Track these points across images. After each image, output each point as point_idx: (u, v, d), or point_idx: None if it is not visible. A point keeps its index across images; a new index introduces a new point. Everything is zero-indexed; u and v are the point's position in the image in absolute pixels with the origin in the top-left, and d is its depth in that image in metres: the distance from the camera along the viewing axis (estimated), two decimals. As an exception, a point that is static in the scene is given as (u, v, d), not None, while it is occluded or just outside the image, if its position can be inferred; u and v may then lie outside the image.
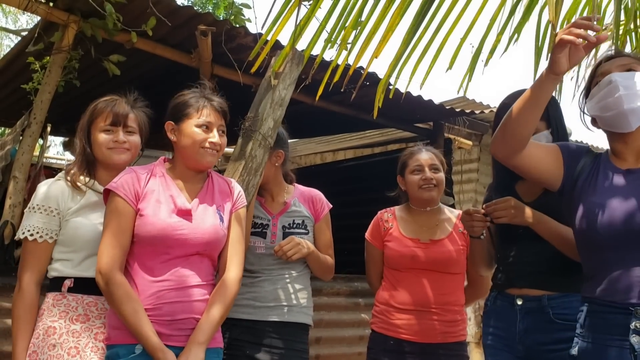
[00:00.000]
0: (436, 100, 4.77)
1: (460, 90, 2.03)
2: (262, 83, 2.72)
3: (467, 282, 2.76)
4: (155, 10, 3.13)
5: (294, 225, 2.51)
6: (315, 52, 2.13)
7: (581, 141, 6.93)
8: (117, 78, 3.53)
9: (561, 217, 2.05)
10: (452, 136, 5.79)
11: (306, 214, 2.56)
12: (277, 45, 2.80)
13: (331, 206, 2.66)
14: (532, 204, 2.12)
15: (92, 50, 3.38)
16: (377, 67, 19.96)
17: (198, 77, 3.76)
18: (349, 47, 1.97)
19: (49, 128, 5.63)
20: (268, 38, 1.94)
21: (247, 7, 4.41)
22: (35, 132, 3.38)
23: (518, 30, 1.97)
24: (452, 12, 1.92)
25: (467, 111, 5.25)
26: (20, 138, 3.53)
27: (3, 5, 11.03)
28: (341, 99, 4.55)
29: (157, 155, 2.32)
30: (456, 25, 1.94)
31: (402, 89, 2.29)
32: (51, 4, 3.26)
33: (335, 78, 2.04)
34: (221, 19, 3.69)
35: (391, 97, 2.16)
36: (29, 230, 1.98)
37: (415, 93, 4.54)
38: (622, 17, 2.25)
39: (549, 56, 1.65)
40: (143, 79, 4.14)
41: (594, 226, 1.70)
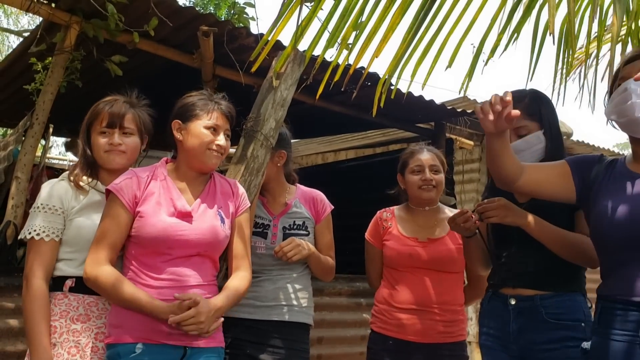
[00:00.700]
0: (437, 101, 4.77)
1: (461, 90, 2.03)
2: (264, 83, 2.73)
3: (466, 281, 2.76)
4: (157, 11, 3.14)
5: (295, 227, 2.52)
6: (317, 52, 2.14)
7: (582, 141, 6.93)
8: (119, 79, 3.53)
9: (554, 218, 2.07)
10: (453, 136, 5.79)
11: (307, 215, 2.56)
12: (278, 46, 2.81)
13: (332, 207, 2.65)
14: (526, 205, 2.13)
15: (94, 51, 3.39)
16: (379, 67, 19.96)
17: (200, 77, 3.77)
18: (349, 47, 1.97)
19: (51, 129, 5.62)
20: (269, 38, 1.94)
21: (251, 5, 4.40)
22: (37, 132, 3.39)
23: (518, 29, 1.97)
24: (452, 12, 1.92)
25: (469, 111, 5.25)
26: (23, 139, 3.54)
27: (5, 6, 11.06)
28: (342, 99, 4.55)
29: (159, 156, 2.32)
30: (457, 25, 1.95)
31: (404, 89, 2.30)
32: (53, 5, 3.26)
33: (336, 78, 2.05)
34: (223, 19, 3.70)
35: (392, 97, 2.16)
36: (35, 230, 1.98)
37: (416, 93, 4.54)
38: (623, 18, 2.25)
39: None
40: (145, 80, 4.14)
41: (604, 229, 1.75)
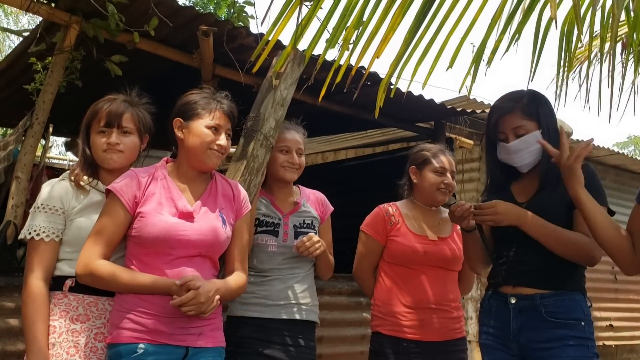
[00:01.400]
0: (437, 100, 4.77)
1: (462, 90, 2.03)
2: (264, 83, 2.73)
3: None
4: (156, 10, 3.14)
5: (304, 225, 2.55)
6: (317, 52, 2.14)
7: (582, 140, 6.92)
8: (119, 78, 3.53)
9: (553, 218, 2.07)
10: (453, 135, 5.78)
11: (315, 215, 2.61)
12: (278, 46, 2.80)
13: (333, 209, 2.71)
14: (526, 204, 2.14)
15: (94, 50, 3.38)
16: (379, 67, 19.98)
17: (200, 77, 3.77)
18: (350, 47, 1.97)
19: (51, 128, 5.62)
20: (269, 38, 1.94)
21: (250, 4, 4.40)
22: (37, 132, 3.38)
23: (519, 29, 1.97)
24: (453, 12, 1.92)
25: (469, 110, 5.25)
26: (23, 138, 3.54)
27: (5, 5, 11.05)
28: (342, 99, 4.55)
29: (159, 155, 2.32)
30: (458, 25, 1.95)
31: (404, 88, 2.30)
32: (53, 5, 3.26)
33: (338, 78, 2.05)
34: (222, 19, 3.70)
35: (392, 96, 2.16)
36: (35, 230, 1.98)
37: (416, 93, 4.54)
38: (622, 16, 2.25)
39: None
40: (145, 80, 4.13)
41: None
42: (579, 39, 2.21)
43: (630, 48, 2.66)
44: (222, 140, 2.07)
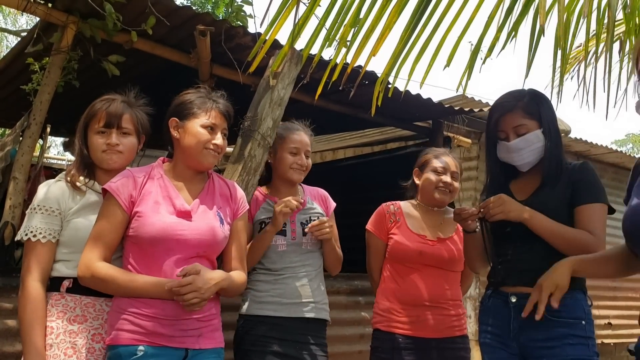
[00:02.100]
0: (435, 99, 4.77)
1: (459, 88, 2.03)
2: (261, 83, 2.72)
3: None
4: (154, 10, 3.13)
5: (311, 222, 2.55)
6: (314, 51, 2.14)
7: (580, 138, 6.92)
8: (117, 78, 3.52)
9: (554, 214, 2.08)
10: (451, 134, 5.78)
11: (320, 211, 2.63)
12: (275, 45, 2.80)
13: (335, 204, 2.73)
14: (526, 202, 2.15)
15: (92, 50, 3.38)
16: (376, 65, 19.97)
17: (197, 77, 3.76)
18: (347, 45, 1.97)
19: (48, 129, 5.63)
20: (267, 38, 1.94)
21: (248, 3, 4.39)
22: (34, 132, 3.38)
23: (516, 27, 1.97)
24: (450, 10, 1.92)
25: (466, 109, 5.25)
26: (20, 139, 3.53)
27: (2, 6, 11.03)
28: (340, 98, 4.54)
29: (156, 155, 2.32)
30: (454, 23, 1.95)
31: (401, 87, 2.30)
32: (50, 5, 3.25)
33: (334, 77, 2.04)
34: (220, 18, 3.69)
35: (390, 95, 2.16)
36: (31, 232, 1.97)
37: (414, 91, 4.54)
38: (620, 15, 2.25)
39: None
40: (142, 79, 4.13)
41: (631, 228, 1.71)
42: (574, 37, 2.22)
43: (625, 45, 2.66)
44: (218, 139, 2.06)
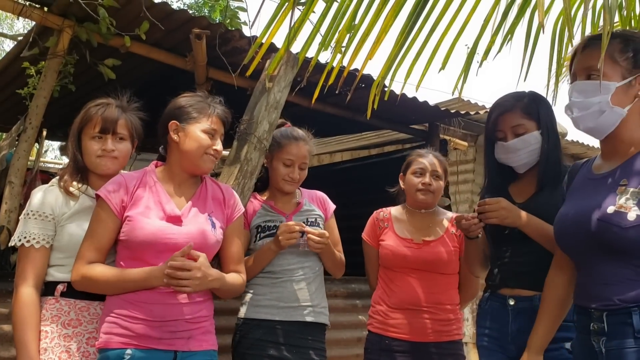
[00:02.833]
0: (431, 102, 4.78)
1: (455, 91, 2.04)
2: (257, 86, 2.73)
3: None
4: (148, 14, 3.13)
5: (309, 223, 2.55)
6: (310, 54, 2.14)
7: (577, 140, 6.94)
8: (113, 82, 3.52)
9: (551, 218, 2.07)
10: (447, 137, 5.80)
11: (318, 213, 2.62)
12: (271, 48, 2.80)
13: (334, 206, 2.73)
14: (524, 205, 2.14)
15: (87, 54, 3.38)
16: (372, 68, 20.02)
17: (193, 80, 3.76)
18: (343, 49, 1.97)
19: (44, 133, 5.62)
20: (263, 41, 1.94)
21: (243, 9, 4.39)
22: (30, 137, 3.37)
23: (512, 30, 1.97)
24: (445, 13, 1.92)
25: (462, 112, 5.26)
26: (16, 143, 3.52)
27: (-2, 10, 11.01)
28: (337, 101, 4.55)
29: (151, 159, 2.32)
30: (450, 26, 1.95)
31: (398, 90, 2.30)
32: (46, 9, 3.25)
33: (330, 80, 2.05)
34: (217, 21, 3.69)
35: (386, 98, 2.16)
36: (25, 237, 1.97)
37: (410, 95, 4.55)
38: (616, 18, 2.26)
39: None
40: (138, 83, 4.13)
41: (556, 235, 1.80)
42: (570, 41, 2.22)
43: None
44: (218, 145, 2.08)
